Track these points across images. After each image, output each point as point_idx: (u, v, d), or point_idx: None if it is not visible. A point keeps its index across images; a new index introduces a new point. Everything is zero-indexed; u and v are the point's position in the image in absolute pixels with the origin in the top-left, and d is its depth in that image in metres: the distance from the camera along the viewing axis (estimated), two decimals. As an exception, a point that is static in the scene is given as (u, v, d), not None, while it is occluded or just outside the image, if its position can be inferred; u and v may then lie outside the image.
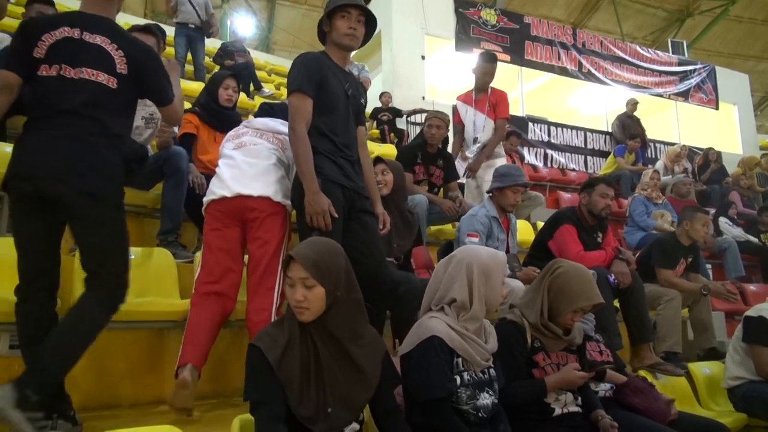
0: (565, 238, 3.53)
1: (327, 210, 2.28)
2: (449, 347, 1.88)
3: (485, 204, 3.57)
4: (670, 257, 4.07)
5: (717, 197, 8.33)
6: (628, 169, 7.88)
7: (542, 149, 9.13)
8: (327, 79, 2.43)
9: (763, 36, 17.20)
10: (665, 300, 3.78)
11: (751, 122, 12.62)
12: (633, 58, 10.87)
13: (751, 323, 3.35)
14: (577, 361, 2.32)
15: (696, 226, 4.07)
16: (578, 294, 2.23)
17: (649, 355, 3.47)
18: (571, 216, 3.66)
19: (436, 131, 4.30)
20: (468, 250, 2.10)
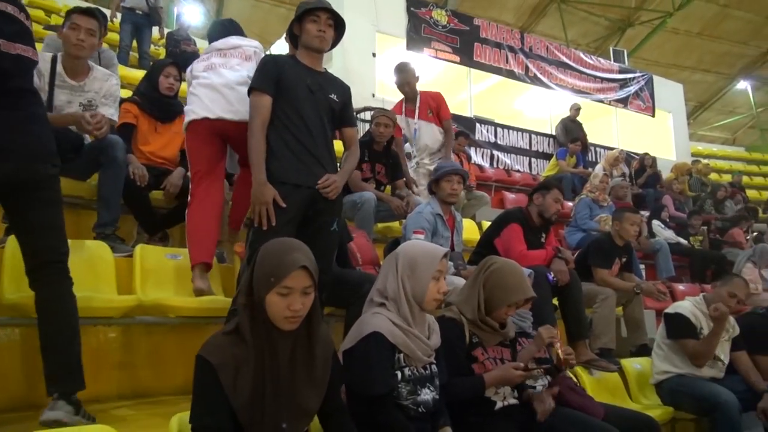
0: (512, 236, 3.62)
1: (270, 202, 2.31)
2: (391, 343, 1.89)
3: (430, 202, 3.61)
4: (606, 257, 4.23)
5: (651, 200, 8.70)
6: (570, 172, 8.13)
7: (489, 150, 9.30)
8: (285, 78, 2.50)
9: (698, 48, 18.08)
10: (601, 299, 3.92)
11: (684, 130, 13.23)
12: (577, 64, 11.20)
13: (671, 320, 3.51)
14: (510, 354, 2.41)
15: (625, 226, 4.25)
16: (513, 289, 2.31)
17: (585, 352, 3.59)
18: (519, 216, 3.75)
19: (384, 129, 4.32)
20: (406, 243, 2.13)
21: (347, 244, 3.14)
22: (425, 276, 1.99)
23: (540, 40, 11.18)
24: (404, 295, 1.97)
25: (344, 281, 2.71)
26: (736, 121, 21.21)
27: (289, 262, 1.55)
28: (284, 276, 1.54)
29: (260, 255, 1.62)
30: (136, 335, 2.69)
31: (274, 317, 1.55)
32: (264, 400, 1.51)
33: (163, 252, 3.00)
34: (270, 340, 1.55)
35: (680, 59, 18.23)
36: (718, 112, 21.04)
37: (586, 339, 3.66)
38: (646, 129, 12.28)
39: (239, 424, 1.49)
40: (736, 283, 3.53)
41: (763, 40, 18.21)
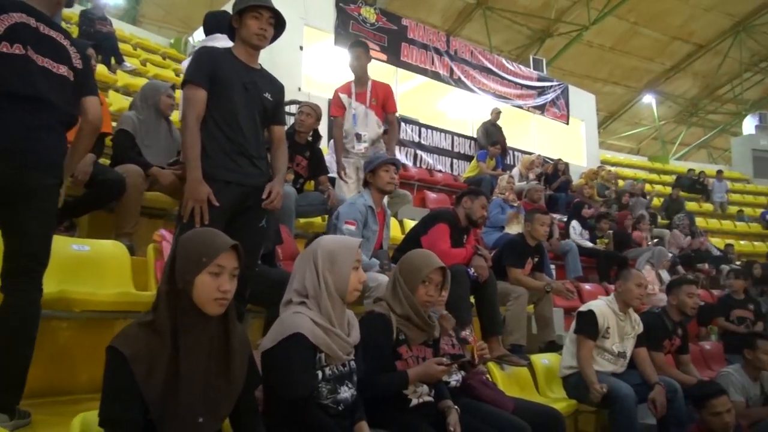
0: (438, 235, 3.69)
1: (206, 199, 2.29)
2: (312, 344, 1.88)
3: (363, 194, 3.60)
4: (519, 257, 4.40)
5: (563, 204, 9.14)
6: (489, 174, 8.37)
7: (412, 149, 9.42)
8: (220, 73, 2.45)
9: (610, 62, 19.15)
10: (514, 297, 4.08)
11: (594, 138, 13.98)
12: (499, 69, 11.55)
13: (581, 316, 3.71)
14: (432, 354, 2.44)
15: (536, 226, 4.46)
16: (420, 264, 2.38)
17: (497, 348, 3.72)
18: (448, 216, 3.84)
19: (306, 118, 4.33)
20: (319, 238, 2.12)
21: (276, 246, 3.11)
22: (346, 267, 1.99)
23: (465, 44, 11.44)
24: (326, 289, 1.96)
25: (268, 279, 2.68)
26: (640, 132, 22.67)
27: (220, 242, 1.57)
28: (216, 255, 1.54)
29: (183, 241, 1.61)
30: (39, 331, 2.51)
31: (203, 300, 1.53)
32: (178, 394, 1.46)
33: (69, 242, 2.83)
34: (188, 332, 1.51)
35: (593, 71, 19.25)
36: (626, 123, 22.43)
37: (499, 335, 3.79)
38: (560, 136, 12.87)
39: (151, 418, 1.44)
40: (635, 274, 3.75)
41: (667, 58, 19.57)
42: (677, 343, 4.14)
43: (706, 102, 21.71)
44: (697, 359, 5.30)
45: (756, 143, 16.86)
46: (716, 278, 8.63)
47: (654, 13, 17.32)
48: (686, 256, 7.82)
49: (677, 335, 4.14)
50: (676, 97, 21.53)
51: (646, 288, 3.77)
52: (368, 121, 4.59)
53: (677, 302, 4.09)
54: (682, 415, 3.48)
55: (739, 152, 17.36)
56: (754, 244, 11.55)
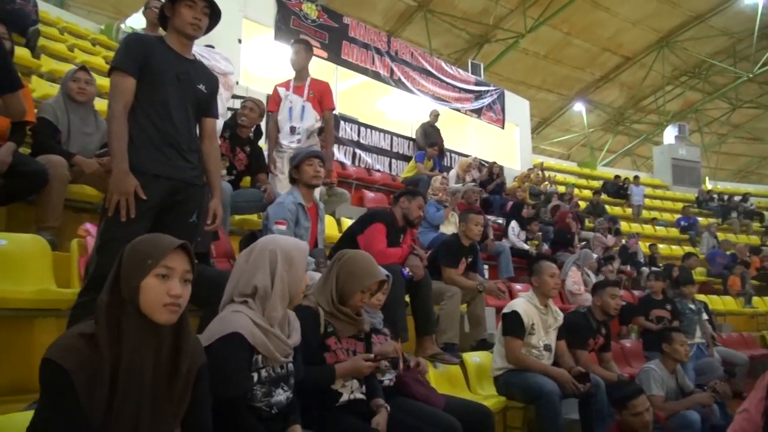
0: (374, 234, 3.71)
1: (131, 192, 2.19)
2: (250, 344, 1.84)
3: (292, 191, 3.55)
4: (454, 257, 4.49)
5: (497, 206, 9.38)
6: (426, 174, 8.47)
7: (351, 148, 9.41)
8: (152, 61, 2.34)
9: (544, 69, 19.83)
10: (448, 296, 4.16)
11: (528, 143, 14.44)
12: (438, 72, 11.72)
13: (506, 318, 3.81)
14: (364, 349, 2.45)
15: (470, 226, 4.56)
16: (363, 273, 2.38)
17: (431, 346, 3.78)
18: (385, 216, 3.86)
19: (249, 113, 4.27)
20: (271, 238, 2.09)
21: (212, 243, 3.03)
22: (301, 270, 1.99)
23: (406, 45, 11.54)
24: (280, 291, 1.93)
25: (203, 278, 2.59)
26: (571, 138, 23.58)
27: (167, 242, 1.47)
28: (163, 255, 1.44)
29: (128, 248, 1.49)
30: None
31: (152, 307, 1.42)
32: (119, 413, 1.36)
33: (-17, 236, 2.66)
34: (131, 346, 1.40)
35: (528, 78, 19.87)
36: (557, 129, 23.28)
37: (433, 334, 3.85)
38: (495, 139, 13.21)
39: None
40: (546, 266, 3.86)
41: (597, 68, 20.46)
42: (601, 342, 4.34)
43: (632, 112, 22.88)
44: (618, 356, 5.57)
45: (675, 152, 17.90)
46: (637, 279, 9.09)
47: (585, 25, 18.07)
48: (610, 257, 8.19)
49: (601, 334, 4.33)
50: (604, 106, 22.55)
51: (559, 276, 3.91)
52: (304, 114, 4.57)
53: (601, 303, 4.27)
54: (604, 411, 3.64)
55: (660, 160, 18.36)
56: (671, 248, 12.23)
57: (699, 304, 6.44)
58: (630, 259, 9.54)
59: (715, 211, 15.13)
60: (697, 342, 6.03)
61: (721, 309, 8.84)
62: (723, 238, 12.48)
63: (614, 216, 11.93)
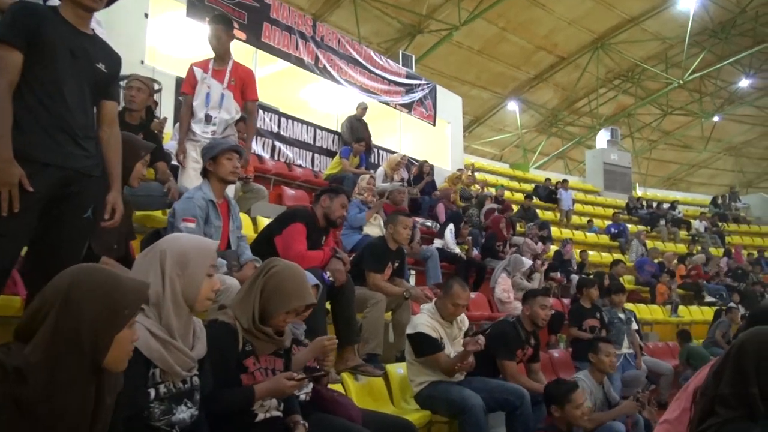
0: (294, 235, 3.68)
1: (16, 183, 2.05)
2: (145, 357, 1.79)
3: (202, 186, 3.45)
4: (379, 261, 4.52)
5: (426, 207, 9.53)
6: (352, 172, 8.50)
7: (270, 140, 9.28)
8: (42, 33, 2.17)
9: (478, 65, 20.35)
10: (372, 303, 4.18)
11: (460, 142, 14.76)
12: (367, 62, 11.74)
13: (415, 340, 3.86)
14: (284, 365, 2.43)
15: (398, 229, 4.61)
16: (292, 294, 2.33)
17: (353, 357, 3.79)
18: (305, 215, 3.83)
19: (137, 93, 4.15)
20: (168, 237, 2.04)
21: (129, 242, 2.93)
22: (199, 273, 1.92)
23: (332, 31, 11.49)
24: (171, 296, 1.87)
25: None
26: (504, 139, 24.35)
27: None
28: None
29: (89, 294, 1.39)
30: None
31: (118, 360, 1.44)
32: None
33: None
34: (66, 394, 1.35)
35: (461, 73, 20.33)
36: (490, 129, 23.97)
37: (355, 344, 3.87)
38: (426, 137, 13.42)
39: None
40: (455, 293, 3.92)
41: (532, 67, 21.24)
42: (529, 353, 4.50)
43: (566, 114, 23.93)
44: (546, 367, 5.80)
45: (607, 157, 18.89)
46: (566, 287, 9.50)
47: (522, 21, 18.72)
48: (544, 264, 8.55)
49: (530, 344, 4.49)
50: (538, 107, 23.46)
51: (462, 308, 3.99)
52: (223, 103, 4.44)
53: (530, 313, 4.44)
54: (529, 422, 3.78)
55: (592, 165, 19.33)
56: (601, 255, 12.88)
57: (628, 314, 6.81)
58: (563, 266, 9.95)
59: (644, 219, 16.10)
60: (624, 353, 6.37)
61: (649, 318, 9.41)
62: (651, 246, 13.31)
63: (545, 221, 12.40)
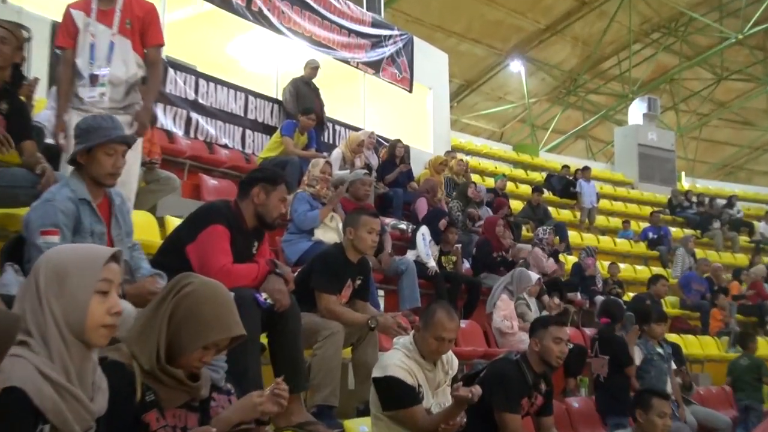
0: (213, 243, 3.61)
1: None
2: (34, 406, 1.76)
3: (68, 181, 3.39)
4: (335, 277, 4.48)
5: (400, 204, 9.48)
6: (297, 154, 8.42)
7: (184, 110, 9.14)
8: None
9: (470, 11, 20.42)
10: (325, 335, 4.15)
11: (445, 114, 14.82)
12: (319, 5, 11.65)
13: (384, 388, 3.81)
14: (198, 420, 2.40)
15: (361, 234, 4.56)
16: (212, 323, 2.31)
17: (299, 410, 3.77)
18: (227, 214, 3.75)
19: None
20: (51, 250, 2.02)
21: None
22: (81, 291, 1.90)
23: (271, -39, 11.42)
24: (54, 325, 1.85)
25: None
26: (505, 111, 24.54)
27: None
28: None
29: None
30: None
31: None
32: None
33: None
34: None
35: (447, 21, 20.39)
36: (486, 97, 24.15)
37: (301, 391, 3.85)
38: (400, 108, 13.45)
39: None
40: (439, 323, 3.86)
41: (541, 14, 21.45)
42: (539, 402, 4.50)
43: (587, 78, 24.23)
44: (562, 421, 5.83)
45: (643, 136, 19.16)
46: (590, 313, 9.56)
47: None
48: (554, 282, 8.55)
49: (539, 391, 4.49)
50: (551, 68, 23.71)
51: (448, 343, 3.97)
52: (114, 55, 4.40)
53: (540, 348, 4.43)
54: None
55: (623, 147, 19.64)
56: (635, 269, 13.03)
57: (669, 348, 6.88)
58: (585, 283, 10.04)
59: (692, 220, 16.36)
60: (664, 400, 6.44)
61: (699, 354, 9.54)
62: (701, 256, 13.49)
63: (561, 223, 12.45)
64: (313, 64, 10.15)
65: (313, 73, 10.04)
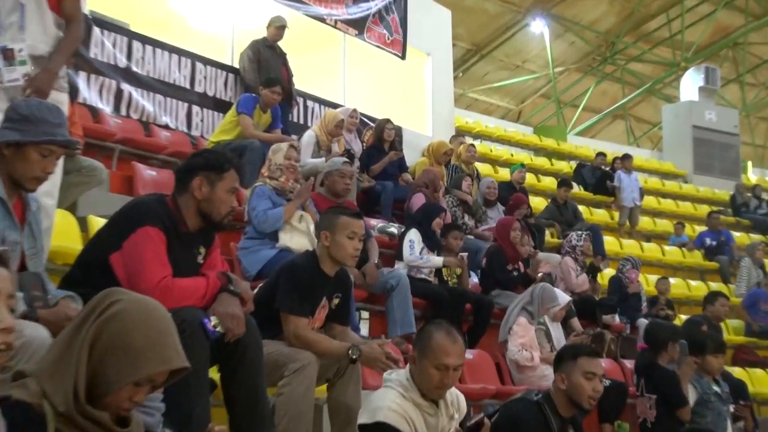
0: (145, 251, 3.60)
1: None
2: None
3: None
4: (306, 295, 4.48)
5: (389, 201, 9.48)
6: (259, 137, 8.44)
7: (114, 81, 9.15)
8: None
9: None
10: (293, 369, 4.15)
11: (448, 88, 14.85)
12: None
13: None
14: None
15: (340, 240, 4.56)
16: (145, 352, 2.30)
17: (259, 466, 3.78)
18: (160, 212, 3.74)
19: None
20: None
21: None
22: None
23: None
24: None
25: None
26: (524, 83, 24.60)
27: None
28: None
29: None
30: None
31: None
32: None
33: None
34: None
35: (451, -32, 20.44)
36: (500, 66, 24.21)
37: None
38: (390, 79, 13.47)
39: None
40: (438, 347, 3.86)
41: (570, -40, 21.52)
42: (566, 455, 4.53)
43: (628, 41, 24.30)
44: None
45: (699, 117, 19.19)
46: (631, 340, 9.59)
47: None
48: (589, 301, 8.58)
49: (566, 440, 4.52)
50: (582, 29, 23.78)
51: (452, 373, 3.97)
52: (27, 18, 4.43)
53: (568, 386, 4.46)
54: None
55: (674, 130, 19.68)
56: (689, 284, 13.06)
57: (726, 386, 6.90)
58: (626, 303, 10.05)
59: (760, 223, 16.45)
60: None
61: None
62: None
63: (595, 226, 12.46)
64: (279, 22, 10.15)
65: (278, 34, 10.06)
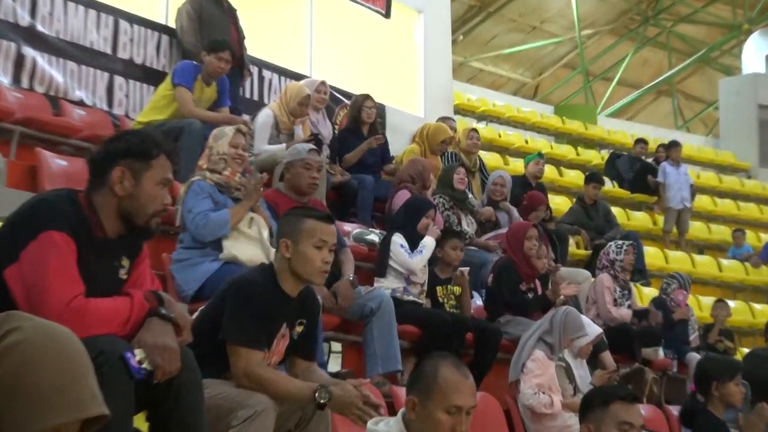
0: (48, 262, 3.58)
1: None
2: None
3: None
4: (261, 322, 4.47)
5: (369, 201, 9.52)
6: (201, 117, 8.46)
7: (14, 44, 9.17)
8: None
9: None
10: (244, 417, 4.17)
11: (445, 54, 14.92)
12: None
13: None
14: None
15: (305, 250, 4.58)
16: (52, 396, 2.29)
17: None
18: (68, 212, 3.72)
19: None
20: None
21: None
22: None
23: None
24: None
25: None
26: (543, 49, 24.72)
27: None
28: None
29: None
30: None
31: None
32: None
33: None
34: None
35: None
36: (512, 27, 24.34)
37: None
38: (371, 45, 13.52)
39: None
40: (447, 384, 3.84)
41: None
42: None
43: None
44: None
45: (766, 94, 19.18)
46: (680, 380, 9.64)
47: None
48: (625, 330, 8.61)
49: None
50: (615, -18, 23.95)
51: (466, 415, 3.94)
52: None
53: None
54: None
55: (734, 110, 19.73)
56: (752, 309, 13.11)
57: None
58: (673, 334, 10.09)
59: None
60: None
61: None
62: None
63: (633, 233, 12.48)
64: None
65: (228, -11, 10.08)
